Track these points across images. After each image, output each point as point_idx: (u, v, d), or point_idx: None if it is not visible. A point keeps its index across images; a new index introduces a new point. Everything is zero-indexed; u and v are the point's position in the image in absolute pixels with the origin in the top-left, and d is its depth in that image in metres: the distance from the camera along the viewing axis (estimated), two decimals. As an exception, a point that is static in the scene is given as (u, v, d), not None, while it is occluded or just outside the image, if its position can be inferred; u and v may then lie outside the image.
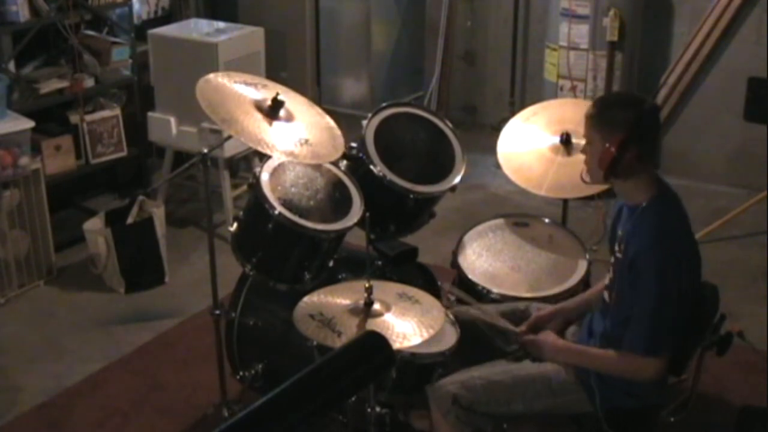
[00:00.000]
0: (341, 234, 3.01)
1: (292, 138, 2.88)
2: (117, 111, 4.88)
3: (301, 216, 2.91)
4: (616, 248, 2.59)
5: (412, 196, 3.12)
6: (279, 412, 1.31)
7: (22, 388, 3.66)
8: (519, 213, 3.64)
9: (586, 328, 2.72)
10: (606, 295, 2.63)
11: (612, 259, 2.62)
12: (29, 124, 4.25)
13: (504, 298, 3.03)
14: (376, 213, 2.95)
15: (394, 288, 2.72)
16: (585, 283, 3.15)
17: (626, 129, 2.44)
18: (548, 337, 2.68)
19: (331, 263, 3.06)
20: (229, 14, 5.75)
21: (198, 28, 4.92)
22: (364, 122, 3.19)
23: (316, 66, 5.97)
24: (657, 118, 2.54)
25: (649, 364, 2.48)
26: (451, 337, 2.75)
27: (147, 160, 5.22)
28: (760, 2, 5.00)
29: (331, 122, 3.09)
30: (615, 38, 4.93)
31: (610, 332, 2.58)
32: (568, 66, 5.05)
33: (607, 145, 2.46)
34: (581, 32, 4.99)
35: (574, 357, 2.62)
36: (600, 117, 2.51)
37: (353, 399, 2.65)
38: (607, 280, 2.64)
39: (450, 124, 3.38)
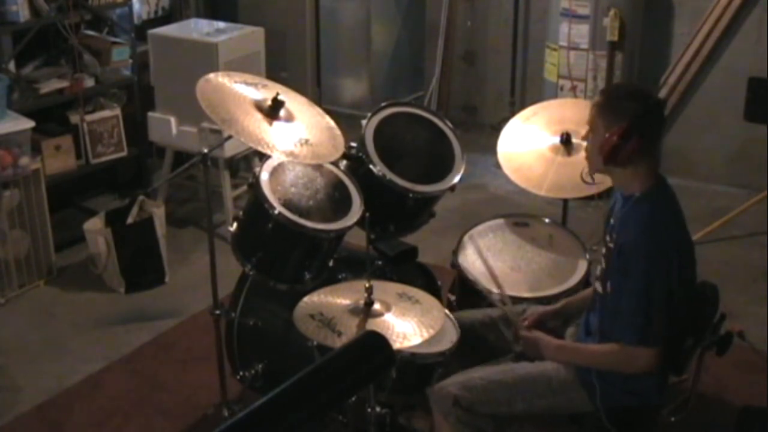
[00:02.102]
0: (341, 234, 3.01)
1: (292, 138, 2.88)
2: (117, 111, 4.88)
3: (300, 216, 2.91)
4: (608, 237, 2.59)
5: (411, 195, 3.12)
6: (279, 412, 1.31)
7: (22, 388, 3.66)
8: (519, 213, 3.64)
9: (583, 327, 2.72)
10: (598, 285, 2.63)
11: (603, 250, 2.62)
12: (29, 124, 4.25)
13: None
14: (376, 213, 2.95)
15: (394, 288, 2.72)
16: (585, 283, 3.15)
17: (630, 118, 2.46)
18: (543, 336, 2.69)
19: (331, 263, 3.06)
20: (229, 14, 5.75)
21: (198, 28, 4.92)
22: (364, 122, 3.19)
23: (316, 66, 5.97)
24: (662, 113, 2.55)
25: (640, 354, 2.49)
26: (451, 337, 2.75)
27: (147, 160, 5.22)
28: (760, 2, 5.00)
29: (331, 122, 3.09)
30: (615, 38, 4.93)
31: (605, 326, 2.58)
32: (568, 66, 5.05)
33: (609, 133, 2.48)
34: (581, 32, 4.99)
35: (568, 355, 2.63)
36: (606, 105, 2.53)
37: (353, 399, 2.65)
38: (598, 271, 2.65)
39: (450, 124, 3.38)
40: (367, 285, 2.55)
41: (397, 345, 2.43)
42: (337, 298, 2.64)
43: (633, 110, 2.47)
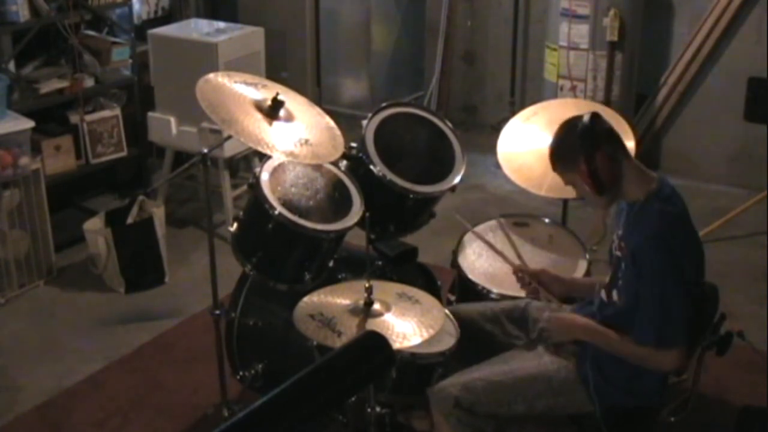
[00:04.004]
0: (341, 234, 3.01)
1: (292, 138, 2.88)
2: (117, 111, 4.88)
3: (301, 216, 2.91)
4: (615, 246, 2.60)
5: (412, 196, 3.12)
6: (279, 412, 1.31)
7: (22, 388, 3.66)
8: (519, 213, 3.64)
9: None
10: (604, 294, 2.63)
11: (611, 259, 2.62)
12: (29, 124, 4.25)
13: (504, 298, 3.03)
14: (376, 213, 2.95)
15: (394, 288, 2.72)
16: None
17: (580, 147, 2.49)
18: (572, 315, 2.67)
19: (331, 263, 3.06)
20: (229, 14, 5.75)
21: (198, 28, 4.92)
22: (364, 122, 3.19)
23: (316, 66, 5.97)
24: (600, 121, 2.55)
25: (663, 357, 2.48)
26: (451, 337, 2.75)
27: (147, 160, 5.22)
28: (760, 2, 5.00)
29: (331, 122, 3.09)
30: (615, 38, 4.93)
31: (614, 326, 2.58)
32: (568, 66, 5.05)
33: (578, 172, 2.51)
34: (581, 32, 4.99)
35: (595, 335, 2.59)
36: (558, 159, 2.59)
37: (353, 399, 2.65)
38: (606, 279, 2.65)
39: (450, 124, 3.38)
40: (367, 285, 2.55)
41: (397, 345, 2.43)
42: (337, 298, 2.64)
43: (575, 140, 2.50)
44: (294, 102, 3.04)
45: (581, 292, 2.85)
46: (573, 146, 2.51)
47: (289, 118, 2.95)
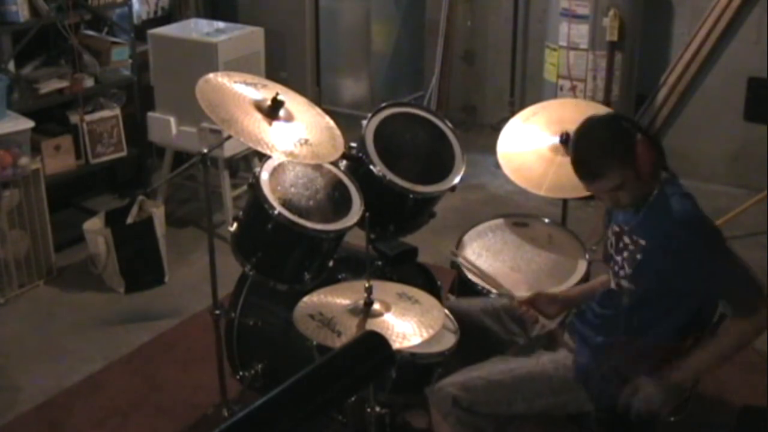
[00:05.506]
0: (341, 234, 3.01)
1: (292, 138, 2.88)
2: (117, 111, 4.88)
3: (300, 216, 2.91)
4: (627, 240, 2.53)
5: (411, 195, 3.12)
6: (279, 412, 1.31)
7: (22, 388, 3.66)
8: (519, 213, 3.64)
9: (577, 319, 2.71)
10: (625, 283, 2.55)
11: (624, 254, 2.55)
12: (29, 124, 4.25)
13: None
14: (375, 213, 2.95)
15: (394, 288, 2.72)
16: (585, 283, 3.15)
17: (619, 143, 2.43)
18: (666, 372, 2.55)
19: (331, 263, 3.06)
20: (229, 14, 5.75)
21: (198, 28, 4.92)
22: (364, 122, 3.19)
23: (316, 66, 5.97)
24: (626, 120, 2.54)
25: (764, 312, 2.44)
26: (451, 337, 2.75)
27: (147, 160, 5.22)
28: (760, 2, 5.01)
29: (331, 122, 3.09)
30: (615, 38, 4.92)
31: (633, 322, 2.54)
32: (568, 66, 5.05)
33: (622, 169, 2.43)
34: (581, 32, 4.99)
35: (699, 365, 2.54)
36: (595, 166, 2.46)
37: (353, 399, 2.65)
38: (621, 273, 2.56)
39: (450, 124, 3.38)
40: (367, 285, 2.55)
41: (396, 345, 2.43)
42: (336, 298, 2.64)
43: (609, 138, 2.45)
44: (294, 102, 3.04)
45: (580, 301, 2.82)
46: (625, 135, 2.44)
47: (289, 118, 2.95)
